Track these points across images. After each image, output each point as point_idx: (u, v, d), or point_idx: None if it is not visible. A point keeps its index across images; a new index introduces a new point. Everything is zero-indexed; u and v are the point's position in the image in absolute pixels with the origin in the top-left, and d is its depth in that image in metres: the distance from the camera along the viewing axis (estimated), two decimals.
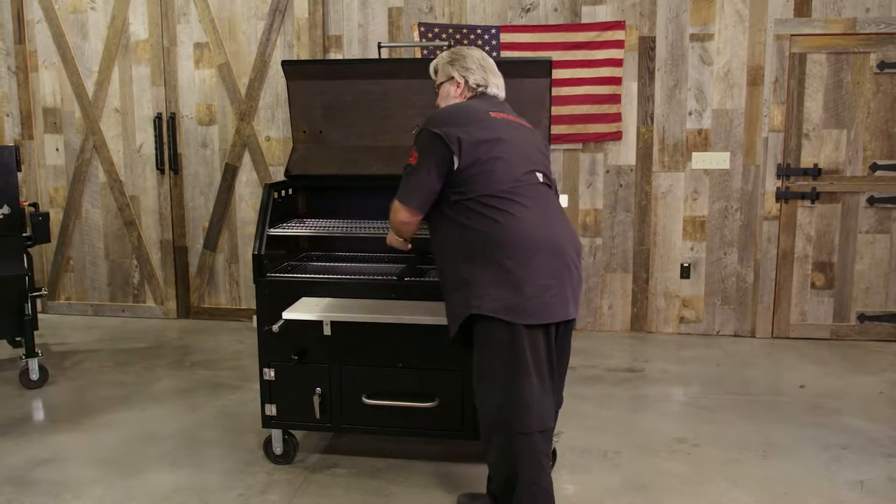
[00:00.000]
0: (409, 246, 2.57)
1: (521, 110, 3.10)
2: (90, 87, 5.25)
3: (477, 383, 2.36)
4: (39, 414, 3.69)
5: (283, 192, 3.16)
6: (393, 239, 2.56)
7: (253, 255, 2.88)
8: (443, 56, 2.56)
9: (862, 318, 4.77)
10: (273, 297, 2.89)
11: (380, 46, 3.26)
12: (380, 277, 2.95)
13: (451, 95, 2.50)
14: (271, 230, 2.93)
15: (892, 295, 4.73)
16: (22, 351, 4.05)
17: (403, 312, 2.74)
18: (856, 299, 4.77)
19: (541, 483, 2.29)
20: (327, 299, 2.88)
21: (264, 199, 2.96)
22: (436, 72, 2.60)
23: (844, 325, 4.80)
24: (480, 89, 2.48)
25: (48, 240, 4.11)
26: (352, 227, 3.01)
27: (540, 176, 2.35)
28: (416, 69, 3.20)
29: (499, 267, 2.21)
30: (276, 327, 2.80)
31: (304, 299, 2.87)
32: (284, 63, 3.20)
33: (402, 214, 2.38)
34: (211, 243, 5.28)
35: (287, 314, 2.73)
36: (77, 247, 5.47)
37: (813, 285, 4.80)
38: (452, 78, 2.50)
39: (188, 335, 5.03)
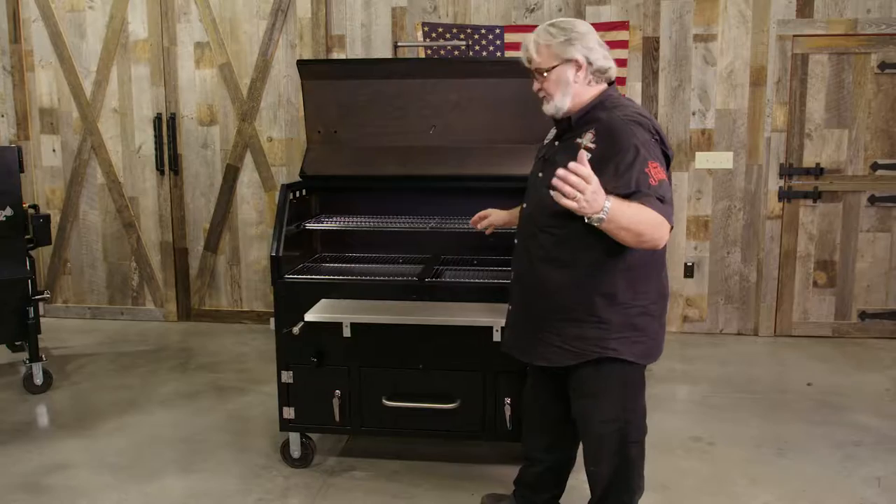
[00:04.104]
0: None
1: (535, 111, 3.11)
2: (88, 87, 5.18)
3: (619, 425, 2.23)
4: (46, 419, 3.63)
5: (297, 193, 3.13)
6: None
7: (271, 256, 2.85)
8: (549, 32, 2.11)
9: (863, 315, 4.82)
10: (291, 298, 2.86)
11: (396, 46, 3.24)
12: (400, 278, 2.93)
13: (568, 81, 2.11)
14: (294, 227, 2.90)
15: (892, 293, 4.78)
16: (23, 355, 3.99)
17: (425, 313, 2.72)
18: (857, 297, 4.82)
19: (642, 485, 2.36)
20: (346, 301, 2.86)
21: (281, 199, 2.93)
22: (538, 52, 2.13)
23: (846, 322, 4.84)
24: (605, 75, 2.14)
25: (49, 242, 4.05)
26: (374, 224, 2.99)
27: None
28: (432, 69, 3.19)
29: (641, 308, 2.14)
30: (296, 329, 2.77)
31: (322, 301, 2.85)
32: (300, 62, 3.17)
33: (666, 237, 2.01)
34: (212, 245, 5.23)
35: (309, 316, 2.70)
36: (75, 249, 5.39)
37: (815, 284, 4.84)
38: (573, 59, 2.10)
39: (190, 338, 4.97)
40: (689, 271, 4.91)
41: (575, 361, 2.17)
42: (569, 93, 2.13)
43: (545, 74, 2.13)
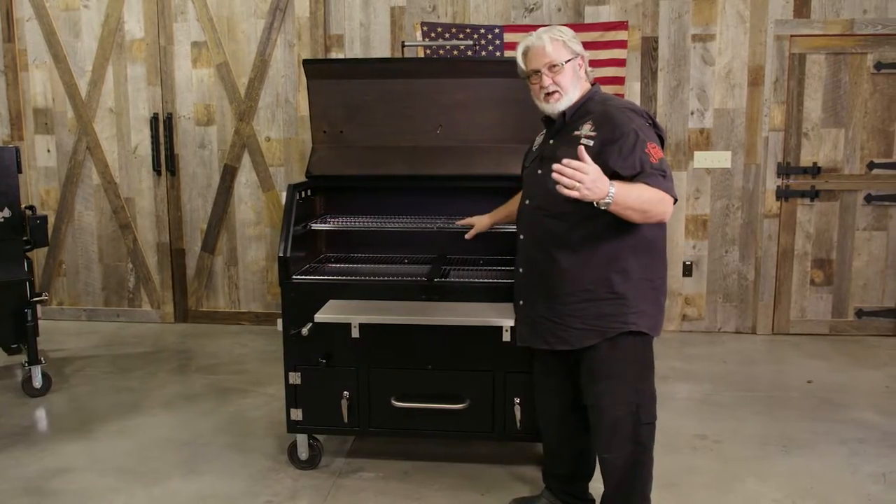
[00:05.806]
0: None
1: (534, 110, 3.11)
2: (83, 86, 5.13)
3: (632, 408, 2.31)
4: (47, 423, 3.59)
5: (302, 194, 3.11)
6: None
7: (279, 256, 2.83)
8: (559, 29, 2.29)
9: (860, 313, 4.86)
10: (298, 299, 2.84)
11: (403, 45, 3.23)
12: (409, 278, 2.91)
13: (578, 74, 2.28)
14: (298, 227, 2.88)
15: (888, 291, 4.83)
16: (21, 358, 3.94)
17: (434, 314, 2.71)
18: (854, 295, 4.86)
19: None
20: (355, 301, 2.84)
21: (289, 200, 2.91)
22: (554, 48, 2.25)
23: (843, 320, 4.88)
24: (590, 75, 2.35)
25: (47, 243, 4.02)
26: (380, 224, 2.98)
27: None
28: (439, 68, 3.18)
29: (650, 282, 2.27)
30: (305, 330, 2.76)
31: (331, 301, 2.83)
32: (305, 62, 3.16)
33: (671, 210, 2.16)
34: (209, 246, 5.19)
35: (318, 317, 2.68)
36: (70, 250, 5.34)
37: (812, 282, 4.88)
38: (580, 54, 2.29)
39: (188, 339, 4.93)
40: (687, 270, 4.93)
41: (597, 340, 2.25)
42: (578, 86, 2.28)
43: (563, 65, 2.24)
